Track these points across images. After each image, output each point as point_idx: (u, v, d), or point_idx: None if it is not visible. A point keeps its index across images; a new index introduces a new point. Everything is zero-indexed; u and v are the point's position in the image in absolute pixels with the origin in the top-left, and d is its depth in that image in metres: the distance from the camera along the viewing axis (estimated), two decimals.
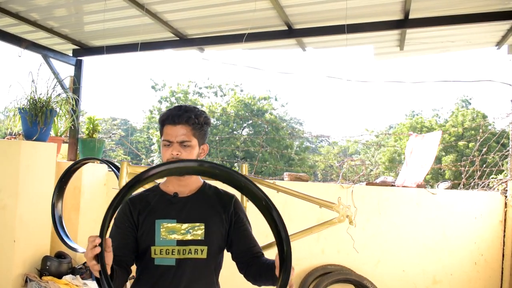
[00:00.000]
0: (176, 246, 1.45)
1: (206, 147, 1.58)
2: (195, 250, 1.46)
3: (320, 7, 3.17)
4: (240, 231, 1.56)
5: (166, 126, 1.49)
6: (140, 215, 1.50)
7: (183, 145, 1.48)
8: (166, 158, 1.49)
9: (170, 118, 1.48)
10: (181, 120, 1.47)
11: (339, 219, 2.66)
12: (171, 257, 1.45)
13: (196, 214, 1.50)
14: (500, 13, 3.03)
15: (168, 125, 1.49)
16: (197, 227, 1.48)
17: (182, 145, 1.48)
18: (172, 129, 1.48)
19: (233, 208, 1.58)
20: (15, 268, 3.30)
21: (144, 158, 10.87)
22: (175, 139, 1.47)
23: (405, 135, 16.53)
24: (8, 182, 3.34)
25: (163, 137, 1.51)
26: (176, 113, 1.49)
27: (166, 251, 1.45)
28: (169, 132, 1.48)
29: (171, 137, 1.48)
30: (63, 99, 3.88)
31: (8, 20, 3.63)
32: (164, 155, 1.49)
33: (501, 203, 3.44)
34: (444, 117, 24.84)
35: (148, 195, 1.56)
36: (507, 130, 3.83)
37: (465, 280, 3.45)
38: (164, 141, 1.49)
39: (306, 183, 3.80)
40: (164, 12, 3.40)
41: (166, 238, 1.45)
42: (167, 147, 1.49)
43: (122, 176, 2.80)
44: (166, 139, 1.49)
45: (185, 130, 1.48)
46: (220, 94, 24.81)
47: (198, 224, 1.49)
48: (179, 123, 1.47)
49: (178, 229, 1.47)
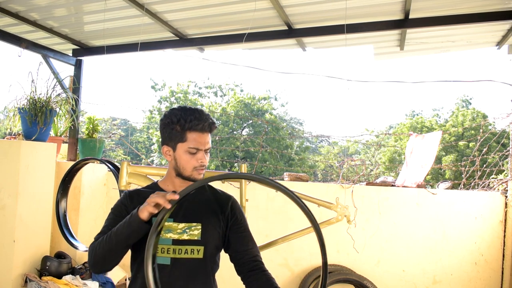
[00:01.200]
0: (171, 245, 1.45)
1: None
2: (191, 250, 1.46)
3: (320, 7, 3.17)
4: (237, 232, 1.55)
5: (193, 132, 1.45)
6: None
7: (207, 152, 1.50)
8: (192, 165, 1.47)
9: (201, 126, 1.45)
10: (211, 129, 1.49)
11: (337, 218, 2.67)
12: (166, 256, 1.45)
13: (193, 214, 1.51)
14: (500, 13, 3.03)
15: (196, 132, 1.46)
16: (194, 227, 1.48)
17: (206, 152, 1.50)
18: (201, 137, 1.47)
19: (230, 209, 1.57)
20: (15, 268, 3.30)
21: (144, 158, 10.87)
22: (204, 147, 1.48)
23: (405, 135, 16.54)
24: (8, 182, 3.33)
25: (188, 143, 1.46)
26: (206, 121, 1.46)
27: (161, 249, 1.45)
28: (199, 140, 1.46)
29: (200, 145, 1.46)
30: (63, 99, 3.88)
31: (8, 20, 3.63)
32: (190, 161, 1.47)
33: (501, 203, 3.44)
34: (444, 117, 24.85)
35: (146, 192, 1.56)
36: (508, 130, 3.83)
37: (465, 280, 3.45)
38: (192, 148, 1.46)
39: (306, 183, 3.80)
40: (164, 12, 3.40)
41: (162, 236, 1.45)
42: (192, 154, 1.47)
43: (122, 176, 2.81)
44: (194, 147, 1.46)
45: (210, 138, 1.50)
46: (220, 94, 24.81)
47: (195, 224, 1.49)
48: (208, 131, 1.48)
49: (174, 228, 1.47)
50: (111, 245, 1.38)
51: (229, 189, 3.54)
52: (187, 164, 1.47)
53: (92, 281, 3.56)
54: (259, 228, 3.59)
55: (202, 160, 1.48)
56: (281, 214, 3.73)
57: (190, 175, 1.49)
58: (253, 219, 1.60)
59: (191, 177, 1.50)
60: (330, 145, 23.26)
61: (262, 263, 1.54)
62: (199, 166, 1.48)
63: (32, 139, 3.54)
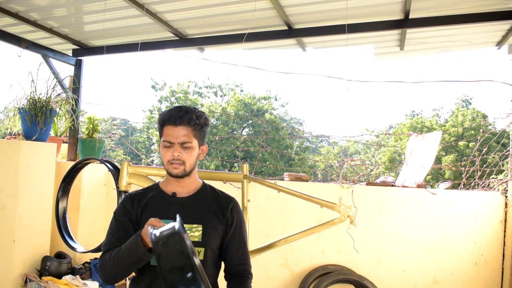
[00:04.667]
0: None
1: (205, 147, 1.59)
2: None
3: (320, 7, 3.17)
4: (231, 236, 1.55)
5: (167, 126, 1.49)
6: (139, 213, 1.51)
7: (184, 146, 1.48)
8: (166, 159, 1.49)
9: (171, 119, 1.48)
10: (183, 121, 1.47)
11: (340, 219, 2.66)
12: None
13: (194, 215, 1.50)
14: (500, 13, 3.03)
15: (169, 125, 1.48)
16: (195, 229, 1.48)
17: (183, 146, 1.48)
18: (173, 130, 1.47)
19: (230, 212, 1.57)
20: (14, 268, 3.30)
21: (144, 158, 10.87)
22: (176, 140, 1.47)
23: (405, 135, 16.53)
24: (8, 182, 3.33)
25: (163, 137, 1.50)
26: (177, 114, 1.48)
27: None
28: (170, 133, 1.47)
29: (172, 138, 1.47)
30: (63, 99, 3.88)
31: (8, 20, 3.63)
32: (165, 155, 1.49)
33: (502, 203, 3.44)
34: (444, 117, 24.87)
35: (147, 193, 1.56)
36: (508, 130, 3.83)
37: (466, 280, 3.45)
38: (165, 141, 1.49)
39: (306, 183, 3.79)
40: (164, 12, 3.40)
41: None
42: (167, 148, 1.48)
43: (122, 176, 2.81)
44: (166, 140, 1.48)
45: (186, 131, 1.48)
46: (220, 94, 24.82)
47: (196, 225, 1.48)
48: (180, 124, 1.47)
49: None
50: (121, 267, 1.40)
51: (230, 189, 3.54)
52: (164, 158, 1.50)
53: (92, 281, 3.55)
54: (259, 228, 3.59)
55: (174, 154, 1.47)
56: (281, 214, 3.73)
57: (167, 169, 1.51)
58: (253, 219, 1.60)
59: (168, 171, 1.51)
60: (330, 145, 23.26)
61: (246, 271, 1.56)
62: (172, 159, 1.48)
63: (32, 139, 3.54)
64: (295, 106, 58.92)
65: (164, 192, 1.55)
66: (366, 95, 64.49)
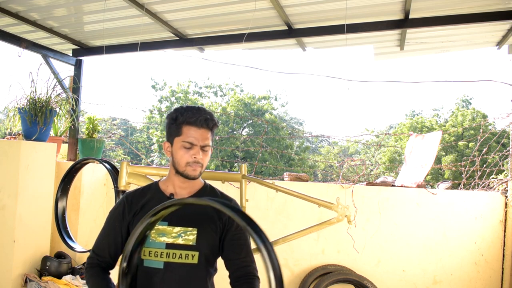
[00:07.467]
0: (164, 249, 1.44)
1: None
2: (186, 255, 1.44)
3: (320, 7, 3.17)
4: (232, 239, 1.51)
5: (189, 127, 1.46)
6: (135, 215, 1.51)
7: (204, 149, 1.48)
8: (185, 160, 1.46)
9: (198, 121, 1.45)
10: (207, 125, 1.47)
11: (337, 218, 2.67)
12: (159, 260, 1.43)
13: (189, 218, 1.47)
14: (500, 13, 3.03)
15: (192, 126, 1.46)
16: (190, 232, 1.46)
17: (203, 149, 1.47)
18: (197, 132, 1.46)
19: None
20: (14, 268, 3.30)
21: (144, 158, 10.87)
22: (199, 143, 1.46)
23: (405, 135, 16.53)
24: (8, 182, 3.33)
25: (183, 137, 1.46)
26: (203, 117, 1.46)
27: (154, 253, 1.44)
28: (194, 135, 1.45)
29: (195, 140, 1.45)
30: (63, 99, 3.88)
31: (8, 20, 3.63)
32: (184, 156, 1.46)
33: (502, 203, 3.44)
34: (444, 117, 24.88)
35: (145, 193, 1.56)
36: (507, 130, 3.83)
37: (466, 280, 3.45)
38: (186, 142, 1.46)
39: (306, 183, 3.79)
40: (164, 12, 3.40)
41: (155, 240, 1.44)
42: (187, 149, 1.46)
43: (122, 176, 2.81)
44: (188, 141, 1.46)
45: (208, 135, 1.48)
46: (220, 94, 24.83)
47: (191, 228, 1.46)
48: (204, 127, 1.46)
49: (169, 232, 1.45)
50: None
51: (229, 189, 3.54)
52: (181, 158, 1.46)
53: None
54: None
55: (196, 156, 1.45)
56: (281, 214, 3.73)
57: (184, 171, 1.47)
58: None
59: (185, 172, 1.48)
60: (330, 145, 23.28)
61: (253, 273, 1.49)
62: (192, 161, 1.46)
63: (32, 139, 3.54)
64: (295, 106, 58.97)
65: (163, 193, 1.54)
66: (366, 95, 64.54)
